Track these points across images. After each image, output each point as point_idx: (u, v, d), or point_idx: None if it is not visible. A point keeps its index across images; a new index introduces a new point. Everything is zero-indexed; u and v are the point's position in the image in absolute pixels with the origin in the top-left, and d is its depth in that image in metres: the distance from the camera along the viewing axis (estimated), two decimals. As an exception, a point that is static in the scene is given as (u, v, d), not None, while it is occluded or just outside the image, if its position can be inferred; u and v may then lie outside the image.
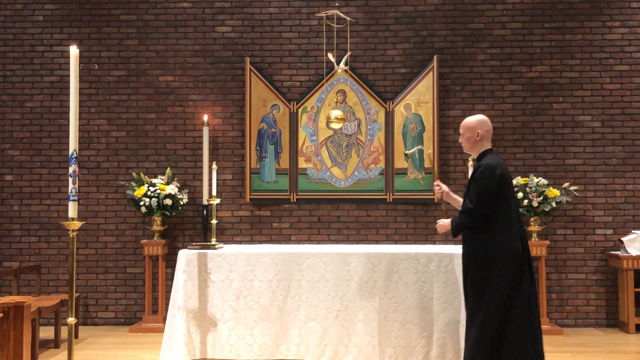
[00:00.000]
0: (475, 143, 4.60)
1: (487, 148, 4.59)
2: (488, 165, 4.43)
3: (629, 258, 7.43)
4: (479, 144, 4.59)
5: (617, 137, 7.94)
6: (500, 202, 4.39)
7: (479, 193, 4.39)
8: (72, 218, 4.26)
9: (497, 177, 4.39)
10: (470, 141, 4.61)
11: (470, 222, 4.44)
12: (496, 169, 4.40)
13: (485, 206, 4.37)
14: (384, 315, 5.53)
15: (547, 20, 8.04)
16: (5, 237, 8.09)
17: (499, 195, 4.38)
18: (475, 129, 4.58)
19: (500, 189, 4.40)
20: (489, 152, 4.59)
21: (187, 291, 5.62)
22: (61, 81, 8.14)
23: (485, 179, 4.39)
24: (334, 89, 8.00)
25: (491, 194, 4.37)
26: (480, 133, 4.57)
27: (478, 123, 4.60)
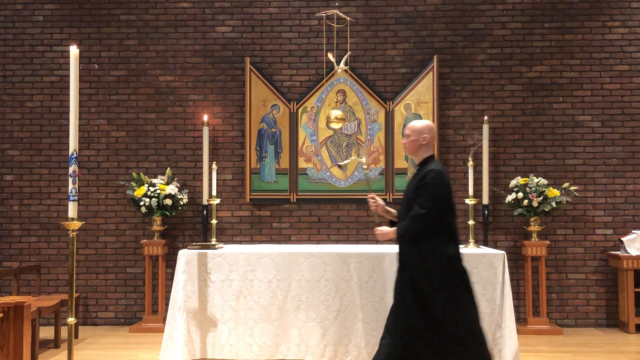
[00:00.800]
0: (420, 147, 4.61)
1: (430, 154, 4.62)
2: (438, 171, 4.46)
3: (629, 258, 7.43)
4: (423, 148, 4.60)
5: (617, 137, 7.94)
6: (447, 212, 4.42)
7: (430, 198, 4.37)
8: (72, 218, 4.27)
9: (447, 183, 4.44)
10: (415, 144, 4.62)
11: (421, 228, 4.37)
12: (444, 176, 4.46)
13: (437, 212, 4.36)
14: (384, 316, 5.50)
15: (547, 20, 8.04)
16: (5, 237, 8.09)
17: (446, 202, 4.42)
18: (422, 132, 4.60)
19: (448, 196, 4.44)
20: (432, 158, 4.62)
21: (187, 291, 5.63)
22: (61, 81, 8.14)
23: (438, 184, 4.40)
24: (334, 89, 8.00)
25: (442, 199, 4.39)
26: (427, 138, 4.58)
27: (426, 128, 4.63)
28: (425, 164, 4.58)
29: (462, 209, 7.85)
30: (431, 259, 4.33)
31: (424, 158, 4.61)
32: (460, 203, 7.82)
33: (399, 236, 4.49)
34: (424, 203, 4.37)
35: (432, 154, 4.64)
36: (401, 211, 4.57)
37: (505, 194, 7.75)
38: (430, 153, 4.62)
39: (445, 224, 4.39)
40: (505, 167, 7.98)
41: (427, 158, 4.61)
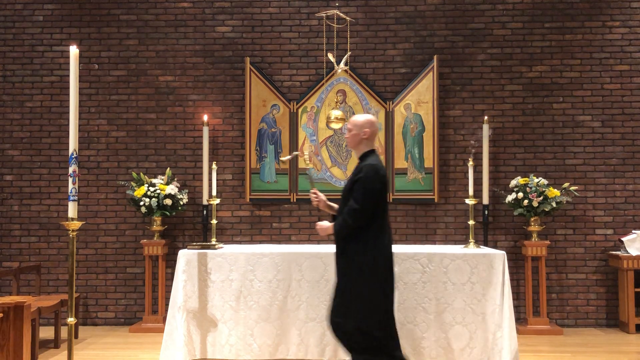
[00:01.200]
0: (361, 141, 4.64)
1: (371, 149, 4.65)
2: (372, 166, 4.49)
3: (629, 258, 7.42)
4: (364, 142, 4.64)
5: (617, 137, 7.94)
6: (379, 205, 4.46)
7: (364, 193, 4.41)
8: (72, 218, 4.27)
9: (381, 177, 4.46)
10: (356, 138, 4.66)
11: (355, 223, 4.43)
12: (380, 170, 4.48)
13: (370, 206, 4.41)
14: (384, 315, 5.53)
15: (547, 20, 8.04)
16: (5, 237, 8.09)
17: (380, 197, 4.46)
18: (363, 127, 4.63)
19: (382, 192, 4.47)
20: (372, 152, 4.64)
21: (187, 291, 5.63)
22: (61, 81, 8.14)
23: (370, 179, 4.44)
24: (334, 89, 8.00)
25: (375, 194, 4.43)
26: (367, 132, 4.62)
27: (367, 122, 4.66)
28: (364, 159, 4.62)
29: (462, 209, 7.87)
30: (361, 254, 4.42)
31: (364, 152, 4.65)
32: (461, 203, 7.84)
33: (335, 231, 4.57)
34: (358, 198, 4.41)
35: (373, 148, 4.68)
36: (340, 206, 4.62)
37: (505, 194, 7.75)
38: (370, 147, 4.66)
39: (377, 219, 4.44)
40: (505, 167, 7.98)
41: (366, 152, 4.64)
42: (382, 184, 4.46)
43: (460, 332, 5.50)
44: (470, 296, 5.54)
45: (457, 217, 7.92)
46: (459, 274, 5.57)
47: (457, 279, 5.56)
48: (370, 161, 4.54)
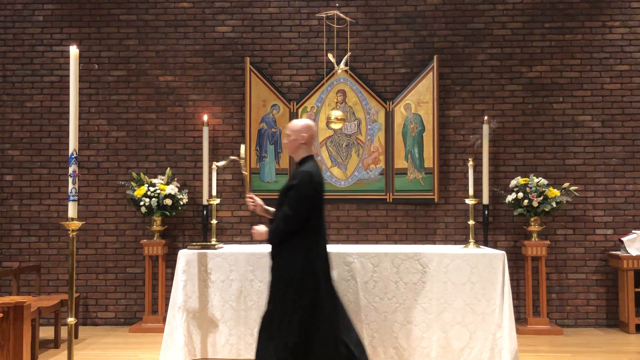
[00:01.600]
0: (300, 146, 4.64)
1: (309, 154, 4.65)
2: (307, 173, 4.49)
3: (629, 258, 7.43)
4: (303, 148, 4.64)
5: (617, 137, 7.94)
6: (313, 212, 4.47)
7: (297, 199, 4.43)
8: (72, 218, 4.27)
9: (315, 184, 4.46)
10: (294, 144, 4.66)
11: (288, 229, 4.44)
12: (314, 176, 4.48)
13: (304, 213, 4.42)
14: (384, 316, 5.53)
15: (547, 20, 8.04)
16: (5, 237, 8.09)
17: (314, 203, 4.47)
18: (301, 132, 4.62)
19: (315, 198, 4.48)
20: (310, 158, 4.65)
21: (187, 291, 5.62)
22: (61, 81, 8.14)
23: (304, 185, 4.44)
24: (334, 89, 8.00)
25: (309, 200, 4.44)
26: (305, 137, 4.61)
27: (304, 127, 4.65)
28: (302, 164, 4.63)
29: (462, 209, 7.86)
30: (293, 260, 4.42)
31: (302, 157, 4.65)
32: (461, 203, 7.84)
33: (269, 237, 4.57)
34: (292, 204, 4.43)
35: (311, 154, 4.68)
36: (276, 210, 4.63)
37: (505, 194, 7.75)
38: (309, 153, 4.66)
39: (311, 225, 4.44)
40: (505, 167, 7.98)
41: (305, 158, 4.65)
42: (315, 191, 4.47)
43: (460, 332, 5.50)
44: (470, 296, 5.54)
45: (457, 217, 7.92)
46: (459, 274, 5.57)
47: (457, 279, 5.56)
48: (307, 167, 4.54)
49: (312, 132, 4.66)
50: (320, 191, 4.53)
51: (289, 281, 4.43)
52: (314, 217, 4.49)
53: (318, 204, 4.51)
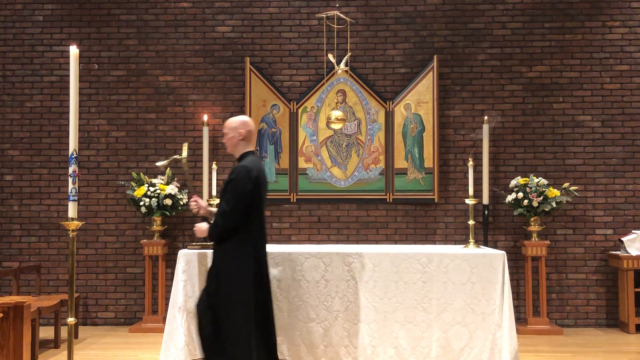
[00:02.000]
0: (238, 143, 4.65)
1: (249, 150, 4.65)
2: (244, 167, 4.48)
3: (629, 258, 7.43)
4: (242, 144, 4.64)
5: (617, 137, 7.94)
6: (252, 208, 4.46)
7: (234, 194, 4.42)
8: (72, 218, 4.27)
9: (253, 178, 4.44)
10: (232, 141, 4.67)
11: (226, 224, 4.44)
12: (252, 171, 4.46)
13: (241, 208, 4.42)
14: (384, 316, 5.53)
15: (547, 20, 8.04)
16: (5, 237, 8.09)
17: (252, 199, 4.45)
18: (237, 128, 4.63)
19: (255, 193, 4.46)
20: (250, 154, 4.64)
21: (187, 291, 5.62)
22: (61, 81, 8.14)
23: (241, 180, 4.43)
24: (334, 89, 8.00)
25: (246, 195, 4.41)
26: (242, 133, 4.62)
27: (241, 123, 4.66)
28: (242, 160, 4.63)
29: (462, 209, 7.87)
30: (230, 256, 4.45)
31: (242, 153, 4.65)
32: (461, 203, 7.84)
33: (209, 233, 4.57)
34: (229, 199, 4.42)
35: (252, 149, 4.68)
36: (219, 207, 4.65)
37: (505, 194, 7.75)
38: (249, 149, 4.66)
39: (252, 221, 4.45)
40: (505, 167, 7.98)
41: (244, 153, 4.65)
42: (254, 185, 4.44)
43: (460, 332, 5.50)
44: (470, 296, 5.53)
45: (457, 217, 7.92)
46: (459, 273, 5.56)
47: (457, 279, 5.56)
48: (245, 162, 4.54)
49: (248, 127, 4.66)
50: (259, 186, 4.49)
51: (222, 276, 4.47)
52: (254, 213, 4.46)
53: (257, 199, 4.48)
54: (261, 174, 4.54)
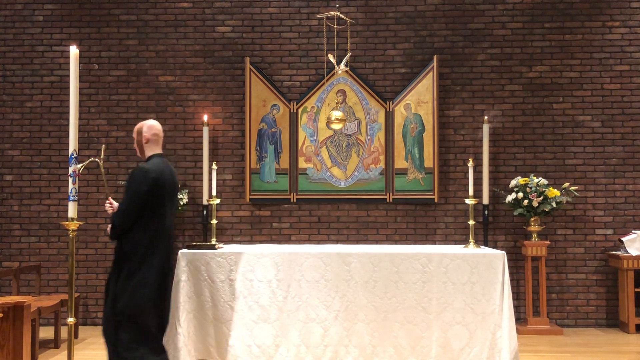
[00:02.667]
0: (144, 146, 4.63)
1: (155, 152, 4.60)
2: (142, 168, 4.42)
3: (629, 258, 7.42)
4: (147, 147, 4.61)
5: (617, 137, 7.94)
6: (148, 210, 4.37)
7: (128, 194, 4.38)
8: (72, 218, 4.27)
9: (150, 179, 4.35)
10: (139, 145, 4.67)
11: (120, 224, 4.37)
12: (150, 172, 4.38)
13: (135, 208, 4.33)
14: (384, 315, 5.53)
15: (547, 20, 8.04)
16: (5, 237, 8.09)
17: (150, 201, 4.36)
18: (141, 132, 4.63)
19: (152, 195, 4.36)
20: (156, 156, 4.59)
21: (187, 291, 5.62)
22: (61, 81, 8.14)
23: (137, 180, 4.37)
24: (334, 89, 8.00)
25: (140, 196, 4.33)
26: (147, 136, 4.59)
27: (144, 127, 4.64)
28: (147, 162, 4.62)
29: (462, 209, 7.87)
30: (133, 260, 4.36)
31: (149, 156, 4.63)
32: (461, 203, 7.84)
33: (110, 234, 4.49)
34: (124, 198, 4.40)
35: (158, 152, 4.63)
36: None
37: (505, 194, 7.75)
38: (156, 151, 4.62)
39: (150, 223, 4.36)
40: (505, 167, 7.98)
41: (150, 156, 4.62)
42: (150, 186, 4.34)
43: (460, 331, 5.50)
44: (470, 296, 5.54)
45: (457, 217, 7.92)
46: (459, 273, 5.57)
47: (457, 279, 5.56)
48: (145, 164, 4.50)
49: (153, 130, 4.62)
50: (158, 187, 4.38)
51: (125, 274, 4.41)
52: (151, 214, 4.37)
53: (155, 201, 4.38)
54: (162, 176, 4.42)
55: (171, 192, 4.52)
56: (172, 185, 4.54)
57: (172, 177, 4.56)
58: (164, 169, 4.49)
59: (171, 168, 4.61)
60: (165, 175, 4.47)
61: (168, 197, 4.48)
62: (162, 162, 4.56)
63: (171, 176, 4.55)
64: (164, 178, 4.44)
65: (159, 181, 4.40)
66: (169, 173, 4.52)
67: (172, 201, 4.54)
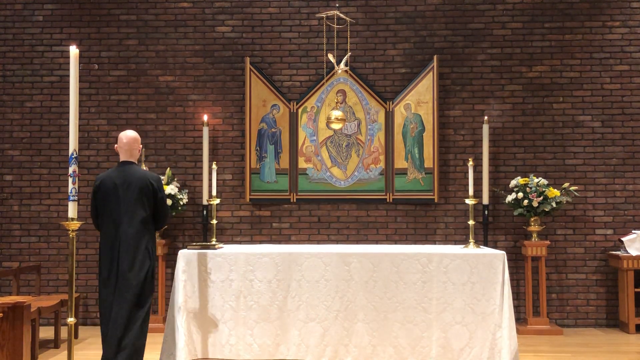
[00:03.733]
0: (119, 154, 5.22)
1: (122, 160, 5.18)
2: (97, 177, 5.13)
3: (629, 258, 7.42)
4: (120, 155, 5.20)
5: (617, 137, 7.94)
6: (100, 214, 5.05)
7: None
8: (72, 218, 4.27)
9: (95, 187, 5.07)
10: (117, 151, 5.26)
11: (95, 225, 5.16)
12: (97, 181, 5.10)
13: (91, 212, 5.12)
14: (384, 315, 5.54)
15: (547, 20, 8.04)
16: (5, 237, 8.09)
17: (99, 206, 5.05)
18: (120, 142, 5.20)
19: (97, 200, 5.04)
20: (118, 163, 5.20)
21: (187, 291, 5.63)
22: (61, 81, 8.14)
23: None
24: (334, 89, 8.00)
25: (92, 202, 5.08)
26: (116, 147, 5.22)
27: (118, 138, 5.23)
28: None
29: (462, 209, 7.87)
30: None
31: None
32: (461, 203, 7.84)
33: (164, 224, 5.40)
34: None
35: (123, 160, 5.16)
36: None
37: (505, 194, 7.75)
38: (121, 160, 5.17)
39: (102, 222, 5.04)
40: (505, 167, 7.98)
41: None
42: (93, 193, 5.07)
43: (460, 331, 5.50)
44: (470, 296, 5.54)
45: (457, 217, 7.92)
46: (459, 274, 5.57)
47: (457, 279, 5.56)
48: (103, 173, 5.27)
49: (120, 141, 5.18)
50: (102, 192, 5.01)
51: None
52: (101, 215, 5.04)
53: (102, 209, 5.02)
54: (106, 184, 5.02)
55: (113, 193, 5.04)
56: (114, 187, 5.05)
57: (113, 179, 5.07)
58: (110, 174, 5.11)
59: (119, 171, 5.11)
60: (109, 182, 5.05)
61: (109, 198, 5.04)
62: (114, 169, 5.18)
63: (112, 179, 5.07)
64: (106, 186, 5.04)
65: (100, 189, 5.04)
66: (113, 177, 5.08)
67: (115, 200, 5.05)
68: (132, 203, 4.98)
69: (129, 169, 5.10)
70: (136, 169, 5.14)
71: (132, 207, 4.98)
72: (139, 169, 5.18)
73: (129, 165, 5.12)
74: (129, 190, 5.01)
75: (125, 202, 4.99)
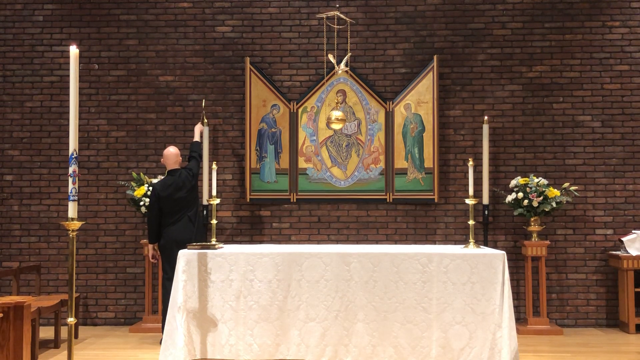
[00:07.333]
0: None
1: (168, 170, 6.78)
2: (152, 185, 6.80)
3: (629, 258, 7.43)
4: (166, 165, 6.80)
5: (617, 137, 7.94)
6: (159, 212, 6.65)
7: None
8: (72, 218, 4.27)
9: (151, 194, 6.56)
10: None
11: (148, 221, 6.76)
12: (154, 190, 6.58)
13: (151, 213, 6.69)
14: (384, 315, 5.53)
15: (547, 20, 8.04)
16: (5, 237, 8.09)
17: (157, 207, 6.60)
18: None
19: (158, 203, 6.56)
20: (168, 172, 6.76)
21: (187, 291, 5.63)
22: (61, 81, 8.15)
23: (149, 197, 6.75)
24: (334, 89, 8.00)
25: (151, 205, 6.60)
26: (162, 160, 6.87)
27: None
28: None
29: (462, 209, 7.87)
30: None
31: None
32: (461, 203, 7.84)
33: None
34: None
35: (170, 168, 6.82)
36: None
37: (505, 194, 7.75)
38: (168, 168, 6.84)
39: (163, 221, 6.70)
40: (505, 167, 7.98)
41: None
42: (150, 198, 6.68)
43: (460, 331, 5.50)
44: (470, 296, 5.54)
45: (457, 217, 7.92)
46: (459, 273, 5.57)
47: (457, 279, 5.56)
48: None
49: (164, 156, 6.86)
50: (158, 197, 6.60)
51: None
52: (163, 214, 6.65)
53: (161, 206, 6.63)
54: (162, 190, 6.62)
55: (171, 198, 6.68)
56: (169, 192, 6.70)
57: (169, 186, 6.70)
58: (166, 182, 6.69)
59: (170, 180, 6.73)
60: (164, 186, 6.66)
61: (168, 202, 6.64)
62: (166, 178, 6.76)
63: (168, 186, 6.70)
64: (163, 191, 6.63)
65: (154, 196, 6.61)
66: (167, 184, 6.68)
67: (173, 202, 6.70)
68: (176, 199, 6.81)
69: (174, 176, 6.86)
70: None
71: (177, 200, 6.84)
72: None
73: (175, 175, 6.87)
74: (171, 198, 6.76)
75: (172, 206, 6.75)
